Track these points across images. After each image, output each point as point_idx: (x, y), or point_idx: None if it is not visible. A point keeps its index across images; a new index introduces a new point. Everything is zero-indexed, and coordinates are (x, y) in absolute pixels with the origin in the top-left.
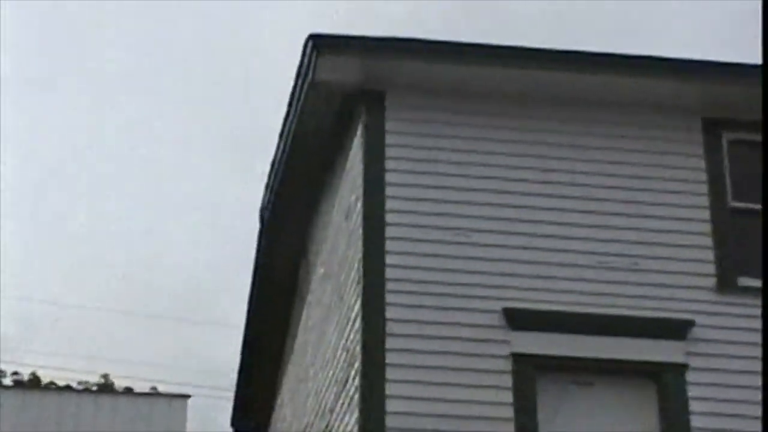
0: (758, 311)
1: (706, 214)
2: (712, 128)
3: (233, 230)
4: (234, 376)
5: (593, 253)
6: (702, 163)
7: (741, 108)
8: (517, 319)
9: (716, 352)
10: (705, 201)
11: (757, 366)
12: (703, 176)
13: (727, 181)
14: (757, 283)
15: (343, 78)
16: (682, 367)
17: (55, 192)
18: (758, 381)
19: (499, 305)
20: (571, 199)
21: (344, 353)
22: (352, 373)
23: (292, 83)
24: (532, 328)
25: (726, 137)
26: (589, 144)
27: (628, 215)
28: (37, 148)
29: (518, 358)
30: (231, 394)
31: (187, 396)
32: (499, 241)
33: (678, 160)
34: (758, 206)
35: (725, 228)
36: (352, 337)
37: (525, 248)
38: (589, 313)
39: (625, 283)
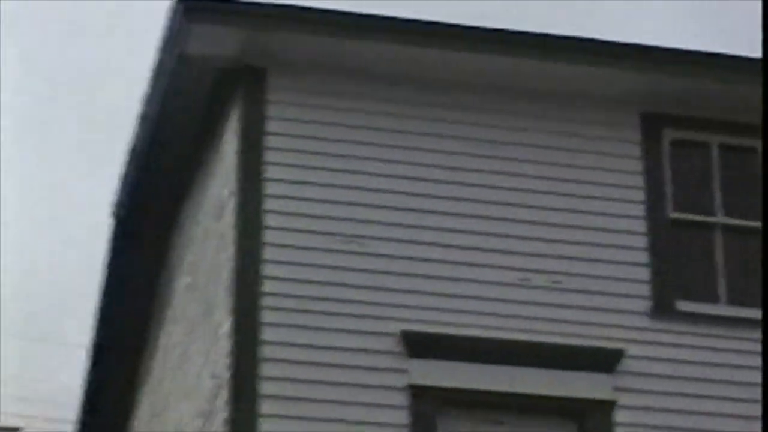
0: (699, 340)
1: (641, 226)
2: (651, 125)
3: (79, 229)
4: (75, 406)
5: (508, 268)
6: (639, 166)
7: (686, 102)
8: (418, 345)
9: (649, 388)
10: (641, 210)
11: (696, 405)
12: (640, 181)
13: (668, 188)
14: (699, 307)
15: (217, 51)
16: (610, 405)
17: None
18: (696, 422)
19: (396, 327)
20: (484, 204)
21: (210, 380)
22: (219, 404)
23: (155, 56)
24: (435, 355)
25: (667, 136)
26: (507, 139)
27: (551, 225)
28: None
29: (417, 391)
30: (71, 428)
31: (16, 429)
32: (398, 251)
33: (611, 162)
34: (701, 218)
35: (663, 243)
36: (219, 361)
37: (428, 261)
38: (502, 339)
39: (546, 304)
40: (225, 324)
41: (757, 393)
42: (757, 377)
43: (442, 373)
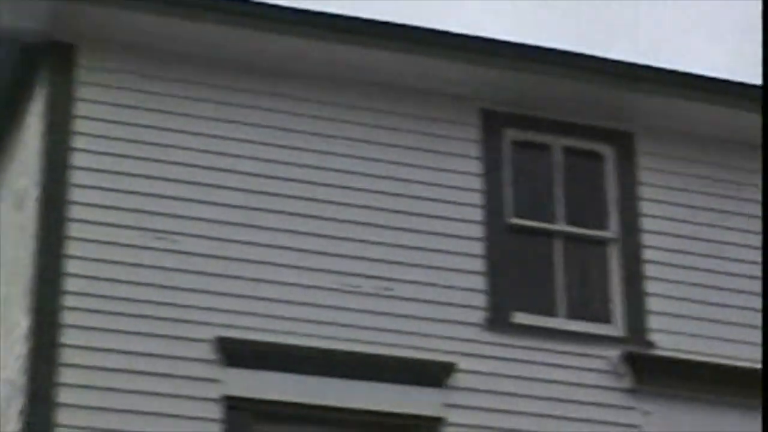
0: (535, 355)
1: (478, 232)
2: (492, 124)
3: None
4: None
5: (334, 272)
6: (477, 167)
7: (529, 101)
8: (233, 353)
9: (481, 405)
10: (478, 215)
11: (532, 424)
12: (478, 183)
13: (507, 191)
14: (536, 320)
15: (21, 24)
16: (438, 422)
17: None
18: None
19: (210, 333)
20: (309, 202)
21: (3, 386)
22: (12, 412)
23: None
24: (252, 364)
25: (508, 136)
26: (337, 133)
27: (382, 227)
28: None
29: (232, 403)
30: None
31: None
32: (215, 250)
33: (447, 162)
34: (542, 225)
35: (501, 250)
36: (14, 365)
37: (248, 262)
38: (326, 348)
39: (373, 312)
40: (22, 324)
41: (597, 413)
42: (597, 396)
43: (260, 384)
